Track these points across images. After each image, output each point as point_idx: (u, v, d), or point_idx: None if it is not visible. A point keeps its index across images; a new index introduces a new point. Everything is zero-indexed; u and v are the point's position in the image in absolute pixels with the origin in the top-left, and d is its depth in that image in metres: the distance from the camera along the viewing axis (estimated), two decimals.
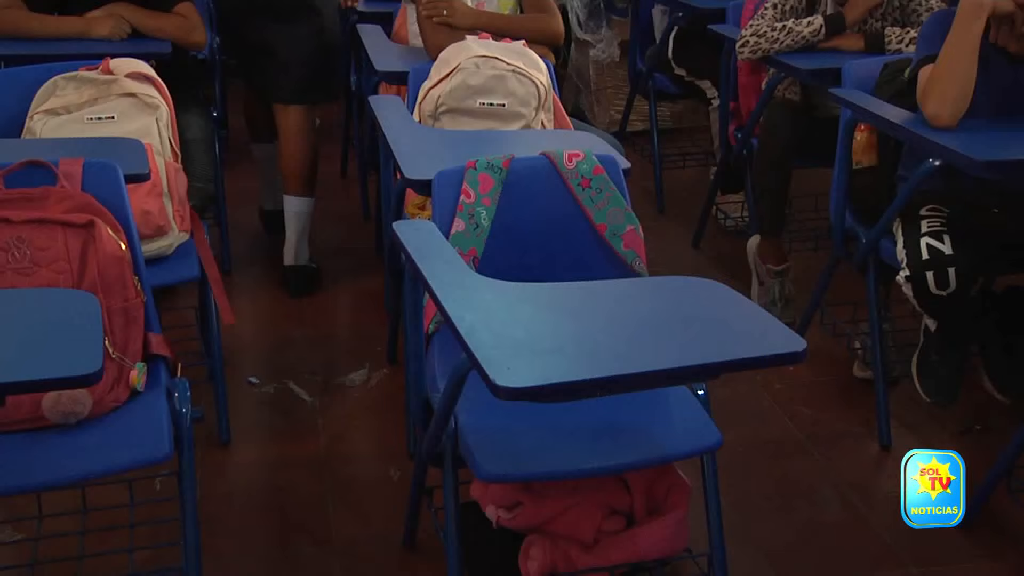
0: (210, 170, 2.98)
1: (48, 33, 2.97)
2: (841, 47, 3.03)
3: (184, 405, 1.94)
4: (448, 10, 2.89)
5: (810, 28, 3.04)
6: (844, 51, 3.01)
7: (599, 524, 1.94)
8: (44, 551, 2.15)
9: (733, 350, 1.59)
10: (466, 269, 1.77)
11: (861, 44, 3.02)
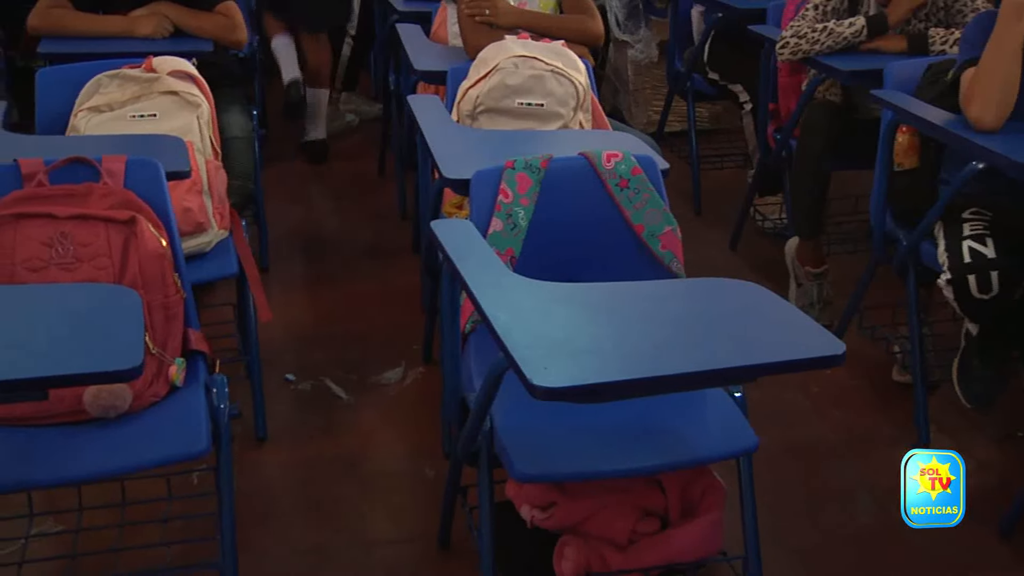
0: (249, 168, 3.00)
1: (92, 31, 3.01)
2: (883, 48, 3.00)
3: (222, 401, 1.96)
4: (491, 9, 2.89)
5: (852, 29, 3.01)
6: (886, 52, 2.98)
7: (633, 525, 1.94)
8: (84, 543, 2.18)
9: (771, 353, 1.58)
10: (503, 269, 1.77)
11: (904, 45, 2.99)
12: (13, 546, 2.15)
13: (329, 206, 4.03)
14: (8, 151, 2.14)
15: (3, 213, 1.99)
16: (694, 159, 4.02)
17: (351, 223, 3.87)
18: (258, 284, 2.55)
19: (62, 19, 3.00)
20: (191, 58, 2.75)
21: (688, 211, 3.91)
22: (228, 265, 2.52)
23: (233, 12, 3.10)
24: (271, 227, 3.48)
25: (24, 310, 1.66)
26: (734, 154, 4.34)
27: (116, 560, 2.14)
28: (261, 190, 3.31)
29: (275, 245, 3.50)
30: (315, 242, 3.75)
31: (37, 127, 2.62)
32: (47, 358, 1.51)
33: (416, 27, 3.30)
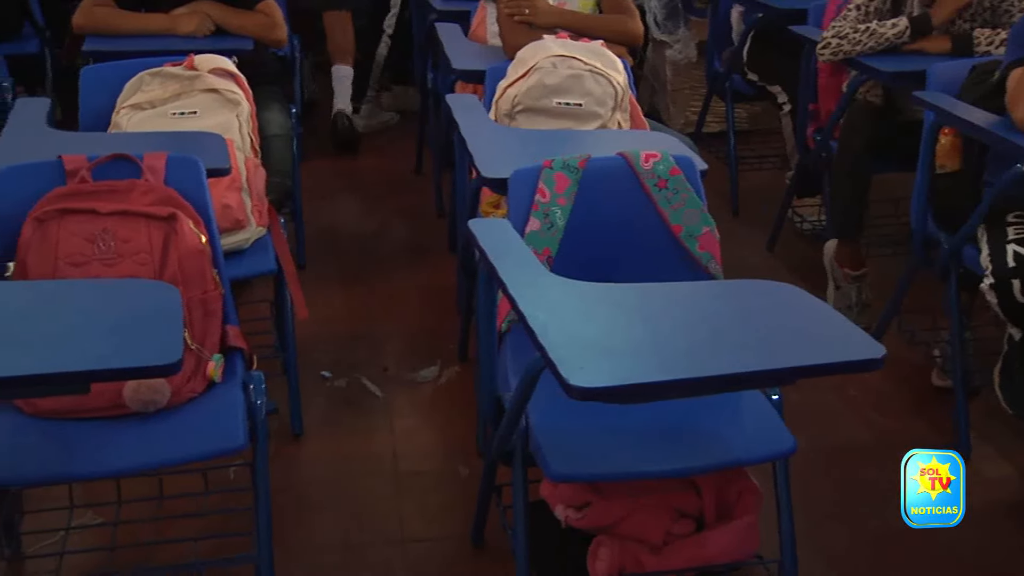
0: (288, 166, 3.02)
1: (135, 30, 3.04)
2: (927, 49, 2.97)
3: (259, 397, 1.97)
4: (530, 8, 2.89)
5: (894, 30, 2.98)
6: (930, 53, 2.94)
7: (668, 526, 1.93)
8: (122, 535, 2.20)
9: (810, 355, 1.57)
10: (540, 268, 1.77)
11: (948, 46, 2.95)
12: (54, 537, 2.18)
13: (365, 204, 4.04)
14: (52, 148, 2.16)
15: (47, 209, 2.02)
16: (732, 160, 4.00)
17: (387, 221, 3.88)
18: (295, 281, 2.56)
19: (106, 18, 3.03)
20: (232, 56, 2.77)
21: (725, 212, 3.89)
22: (266, 262, 2.53)
23: (273, 11, 3.12)
24: (308, 225, 3.50)
25: (67, 305, 1.68)
26: (772, 155, 4.31)
27: (153, 553, 2.16)
28: (299, 188, 3.33)
29: (312, 242, 3.51)
30: (351, 240, 3.76)
31: (80, 124, 2.65)
32: (89, 352, 1.53)
33: (455, 26, 3.30)
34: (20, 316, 1.64)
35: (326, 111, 4.71)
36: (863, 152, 3.06)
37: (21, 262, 2.00)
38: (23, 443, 1.87)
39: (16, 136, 2.34)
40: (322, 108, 4.77)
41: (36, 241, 1.99)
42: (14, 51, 3.84)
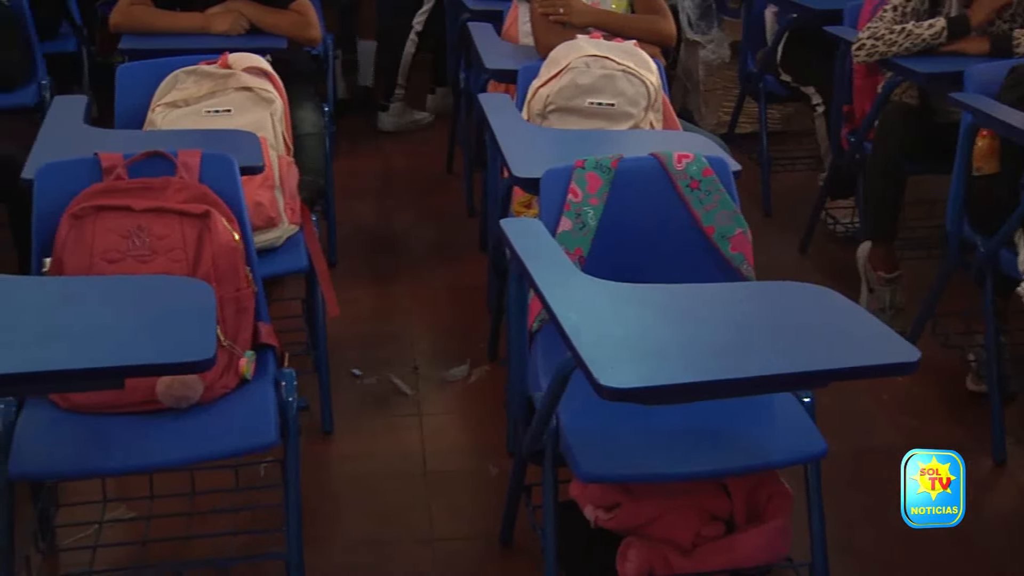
0: (320, 164, 3.02)
1: (170, 28, 3.06)
2: (965, 50, 2.94)
3: (290, 394, 1.98)
4: (565, 8, 2.89)
5: (931, 31, 2.95)
6: (968, 54, 2.91)
7: (698, 529, 1.92)
8: (154, 530, 2.22)
9: (843, 358, 1.56)
10: (572, 268, 1.77)
11: (986, 47, 2.92)
12: (87, 530, 2.20)
13: (396, 203, 4.05)
14: (89, 145, 2.18)
15: (84, 205, 2.03)
16: (765, 161, 3.98)
17: (418, 220, 3.89)
18: (327, 279, 2.57)
19: (142, 16, 3.06)
20: (266, 55, 2.78)
21: (758, 214, 3.87)
22: (298, 260, 2.54)
23: (307, 10, 3.13)
24: (340, 223, 3.51)
25: (102, 301, 1.70)
26: (805, 156, 4.29)
27: (185, 547, 2.18)
28: (331, 186, 3.35)
29: (343, 241, 3.53)
30: (382, 238, 3.77)
31: (116, 122, 2.67)
32: (123, 348, 1.54)
33: (487, 26, 3.30)
34: (56, 312, 1.65)
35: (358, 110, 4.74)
36: (898, 154, 3.03)
37: (57, 258, 2.02)
38: (58, 437, 1.89)
39: (54, 133, 2.36)
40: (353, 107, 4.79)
41: (72, 238, 2.01)
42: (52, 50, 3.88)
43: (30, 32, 3.59)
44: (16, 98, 3.48)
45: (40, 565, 2.12)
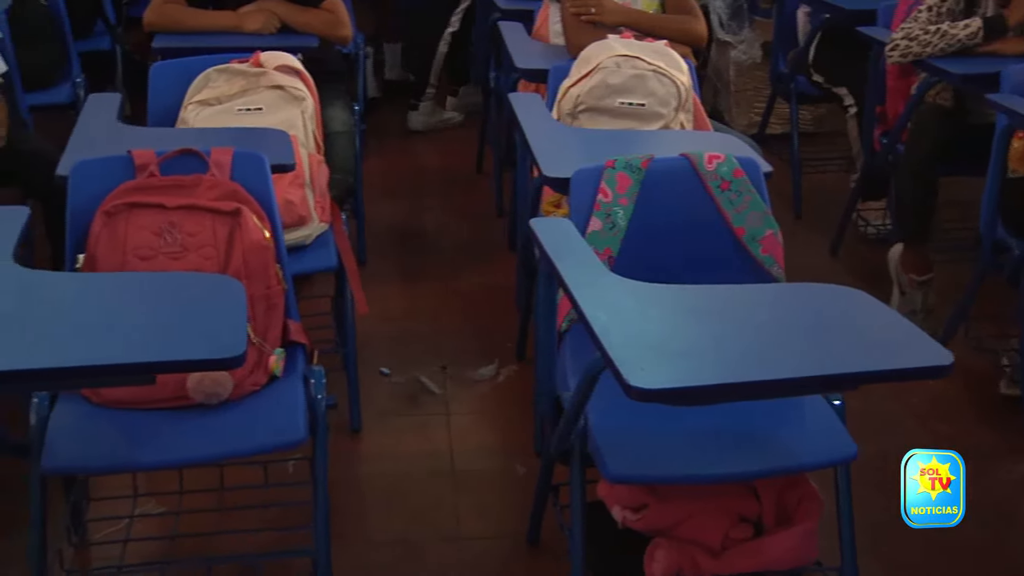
0: (350, 163, 3.04)
1: (203, 27, 3.08)
2: (1001, 51, 2.90)
3: (319, 392, 1.99)
4: (597, 7, 2.88)
5: (967, 31, 2.92)
6: (1004, 55, 2.88)
7: (727, 531, 1.91)
8: (183, 525, 2.23)
9: (875, 361, 1.55)
10: (602, 268, 1.76)
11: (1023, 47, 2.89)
12: (118, 524, 2.22)
13: (426, 202, 4.06)
14: (122, 142, 2.20)
15: (117, 203, 2.05)
16: (796, 162, 3.96)
17: (447, 219, 3.89)
18: (356, 277, 2.58)
19: (175, 15, 3.08)
20: (297, 53, 2.80)
21: (788, 215, 3.85)
22: (328, 258, 2.55)
23: (339, 8, 3.14)
24: (369, 222, 3.53)
25: (134, 297, 1.71)
26: (837, 158, 4.26)
27: (214, 543, 2.19)
28: (361, 185, 3.36)
29: (372, 239, 3.54)
30: (411, 237, 3.78)
31: (149, 119, 2.69)
32: (155, 344, 1.55)
33: (518, 25, 3.30)
34: (89, 308, 1.67)
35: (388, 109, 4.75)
36: (931, 155, 3.00)
37: (91, 254, 2.03)
38: (90, 432, 1.90)
39: (88, 131, 2.38)
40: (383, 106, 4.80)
41: (106, 234, 2.03)
42: (87, 48, 3.92)
43: (66, 31, 3.63)
44: (51, 96, 3.53)
45: (72, 558, 2.14)
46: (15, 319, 1.60)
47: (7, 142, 2.80)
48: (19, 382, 1.59)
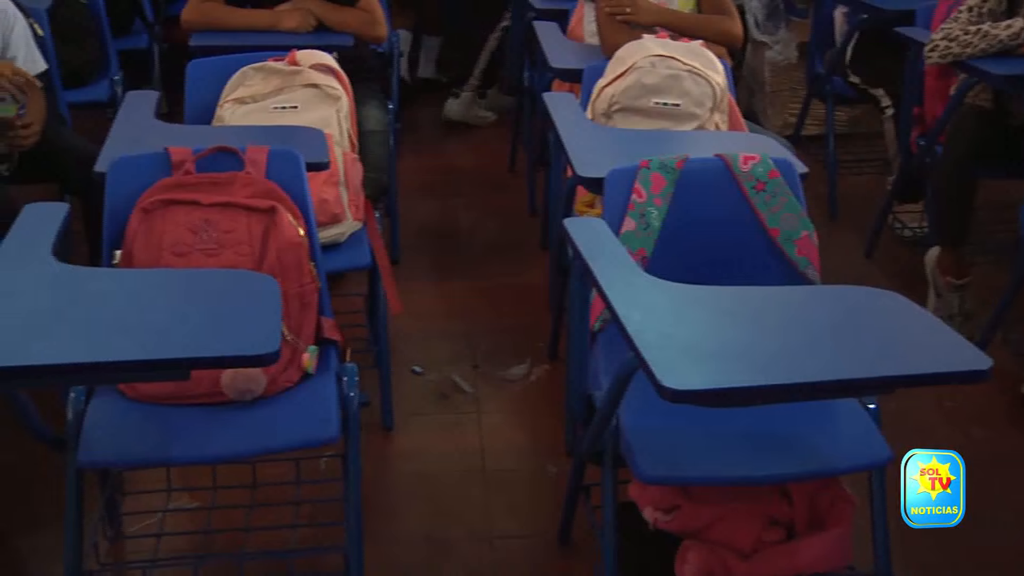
0: (384, 162, 3.04)
1: (240, 25, 3.09)
2: None
3: (352, 389, 1.99)
4: (632, 7, 2.87)
5: (1009, 31, 2.88)
6: None
7: (759, 533, 1.90)
8: (216, 520, 2.25)
9: (911, 364, 1.54)
10: (636, 268, 1.76)
11: None
12: (152, 518, 2.24)
13: (459, 201, 4.06)
14: (159, 140, 2.21)
15: (154, 199, 2.07)
16: (831, 163, 3.93)
17: (480, 218, 3.89)
18: (390, 276, 2.59)
19: (212, 13, 3.10)
20: (332, 52, 2.81)
21: (823, 216, 3.82)
22: (361, 256, 2.56)
23: (374, 7, 3.15)
24: (402, 220, 3.54)
25: (170, 293, 1.72)
26: (873, 159, 4.22)
27: (246, 538, 2.20)
28: (395, 183, 3.37)
29: (405, 238, 3.55)
30: (444, 236, 3.79)
31: (185, 117, 2.71)
32: (190, 340, 1.56)
33: (553, 24, 3.30)
34: (126, 303, 1.68)
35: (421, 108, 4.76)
36: (970, 157, 2.97)
37: (127, 251, 2.05)
38: (126, 427, 1.92)
39: (125, 128, 2.40)
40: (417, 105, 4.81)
41: (143, 231, 2.05)
42: (125, 46, 3.95)
43: (104, 29, 3.67)
44: (90, 93, 3.56)
45: (107, 551, 2.16)
46: (54, 314, 1.61)
47: (46, 139, 2.83)
48: (57, 376, 1.60)
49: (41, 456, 2.03)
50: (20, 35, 2.87)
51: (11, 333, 1.55)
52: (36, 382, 1.72)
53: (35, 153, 2.78)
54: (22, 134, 2.71)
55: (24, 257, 1.77)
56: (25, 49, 2.89)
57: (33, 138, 2.74)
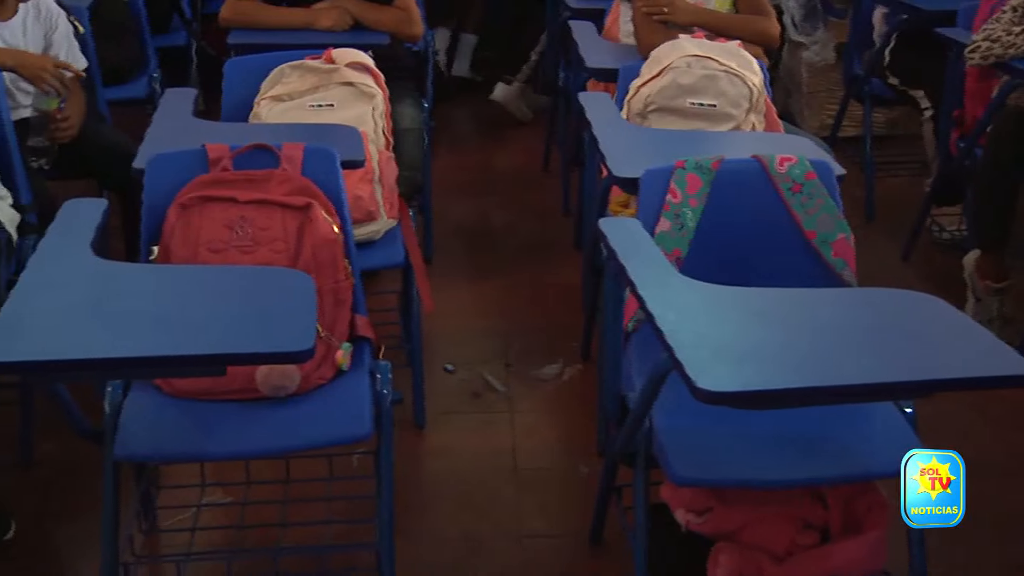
0: (419, 160, 3.06)
1: (277, 24, 3.11)
2: None
3: (385, 387, 2.00)
4: (669, 7, 2.86)
5: None
6: None
7: (792, 537, 1.89)
8: (249, 515, 2.26)
9: (949, 368, 1.52)
10: (670, 269, 1.75)
11: None
12: (186, 513, 2.25)
13: (492, 200, 4.06)
14: (197, 137, 2.23)
15: (191, 196, 2.08)
16: (868, 165, 3.89)
17: (513, 217, 3.89)
18: (423, 274, 2.59)
19: (250, 11, 3.12)
20: (368, 50, 2.82)
21: (859, 218, 3.79)
22: (395, 254, 2.57)
23: (410, 6, 3.16)
24: (436, 218, 3.54)
25: (206, 289, 1.74)
26: (910, 161, 4.18)
27: (280, 534, 2.21)
28: (429, 182, 3.37)
29: (439, 236, 3.55)
30: (477, 235, 3.79)
31: (223, 114, 2.73)
32: (226, 336, 1.58)
33: (588, 24, 3.29)
34: (163, 299, 1.70)
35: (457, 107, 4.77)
36: (1011, 160, 2.93)
37: (164, 246, 2.07)
38: (162, 421, 1.93)
39: (163, 125, 2.42)
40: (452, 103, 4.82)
41: (180, 226, 2.06)
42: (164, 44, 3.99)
43: (144, 26, 3.70)
44: (128, 90, 3.60)
45: (142, 544, 2.18)
46: (92, 309, 1.63)
47: (85, 136, 2.86)
48: (95, 370, 1.62)
49: (79, 448, 2.05)
50: (62, 34, 2.90)
51: (51, 327, 1.57)
52: (75, 376, 1.74)
53: (74, 149, 2.82)
54: (62, 127, 2.74)
55: (63, 252, 1.79)
56: (67, 48, 2.93)
57: (72, 131, 2.77)
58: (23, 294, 1.64)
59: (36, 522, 2.30)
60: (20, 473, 2.45)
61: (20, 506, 2.30)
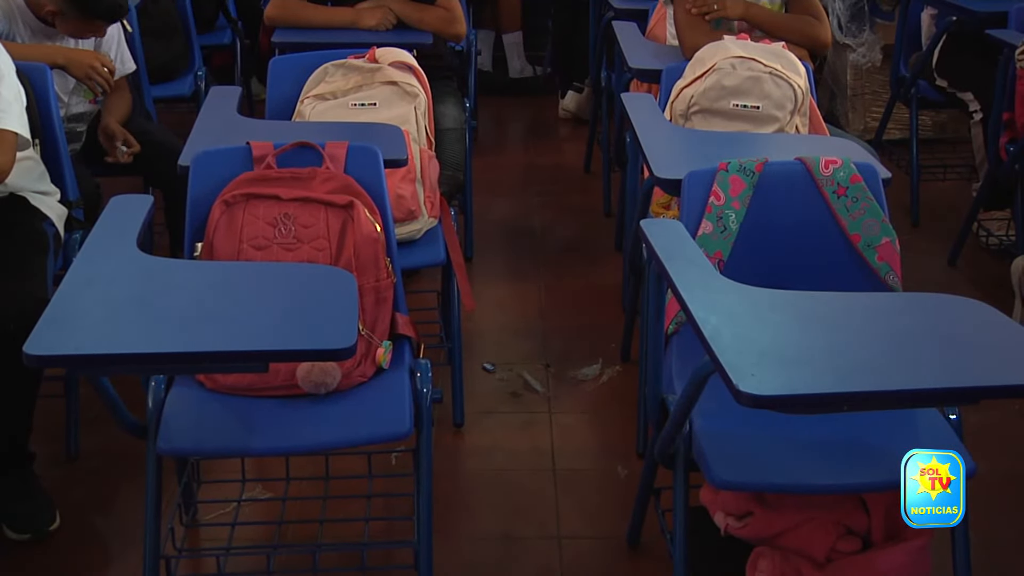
0: (461, 159, 3.06)
1: (322, 23, 3.14)
2: None
3: (425, 385, 2.00)
4: (718, 2, 2.85)
5: None
6: None
7: (833, 543, 1.87)
8: (289, 511, 2.28)
9: (996, 375, 1.50)
10: (712, 271, 1.74)
11: None
12: (226, 508, 2.27)
13: (533, 200, 4.06)
14: (241, 134, 2.25)
15: (236, 193, 2.10)
16: (914, 169, 3.85)
17: (554, 218, 3.89)
18: (463, 273, 2.60)
19: (295, 10, 3.14)
20: (412, 50, 2.83)
21: (905, 223, 3.75)
22: (436, 253, 2.58)
23: (454, 6, 3.17)
24: (476, 218, 3.55)
25: (250, 286, 1.75)
26: (958, 165, 4.13)
27: (319, 530, 2.23)
28: (470, 181, 3.38)
29: (480, 236, 3.56)
30: (518, 235, 3.79)
31: (267, 112, 2.75)
32: (269, 333, 1.59)
33: (632, 25, 3.28)
34: (206, 295, 1.71)
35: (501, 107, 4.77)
36: None
37: (208, 243, 2.09)
38: (204, 417, 1.95)
39: (208, 122, 2.44)
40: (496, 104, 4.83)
41: (224, 223, 2.08)
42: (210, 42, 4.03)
43: (190, 25, 3.74)
44: (174, 88, 3.64)
45: (183, 537, 2.20)
46: (137, 304, 1.65)
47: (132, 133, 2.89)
48: (140, 365, 1.64)
49: (123, 442, 2.07)
50: (112, 36, 2.94)
51: (97, 322, 1.59)
52: (119, 370, 1.76)
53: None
54: (103, 72, 2.74)
55: (110, 248, 1.81)
56: (117, 49, 2.96)
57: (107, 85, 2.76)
58: (70, 289, 1.66)
59: (80, 514, 2.33)
60: (66, 466, 2.48)
61: (65, 498, 2.33)
